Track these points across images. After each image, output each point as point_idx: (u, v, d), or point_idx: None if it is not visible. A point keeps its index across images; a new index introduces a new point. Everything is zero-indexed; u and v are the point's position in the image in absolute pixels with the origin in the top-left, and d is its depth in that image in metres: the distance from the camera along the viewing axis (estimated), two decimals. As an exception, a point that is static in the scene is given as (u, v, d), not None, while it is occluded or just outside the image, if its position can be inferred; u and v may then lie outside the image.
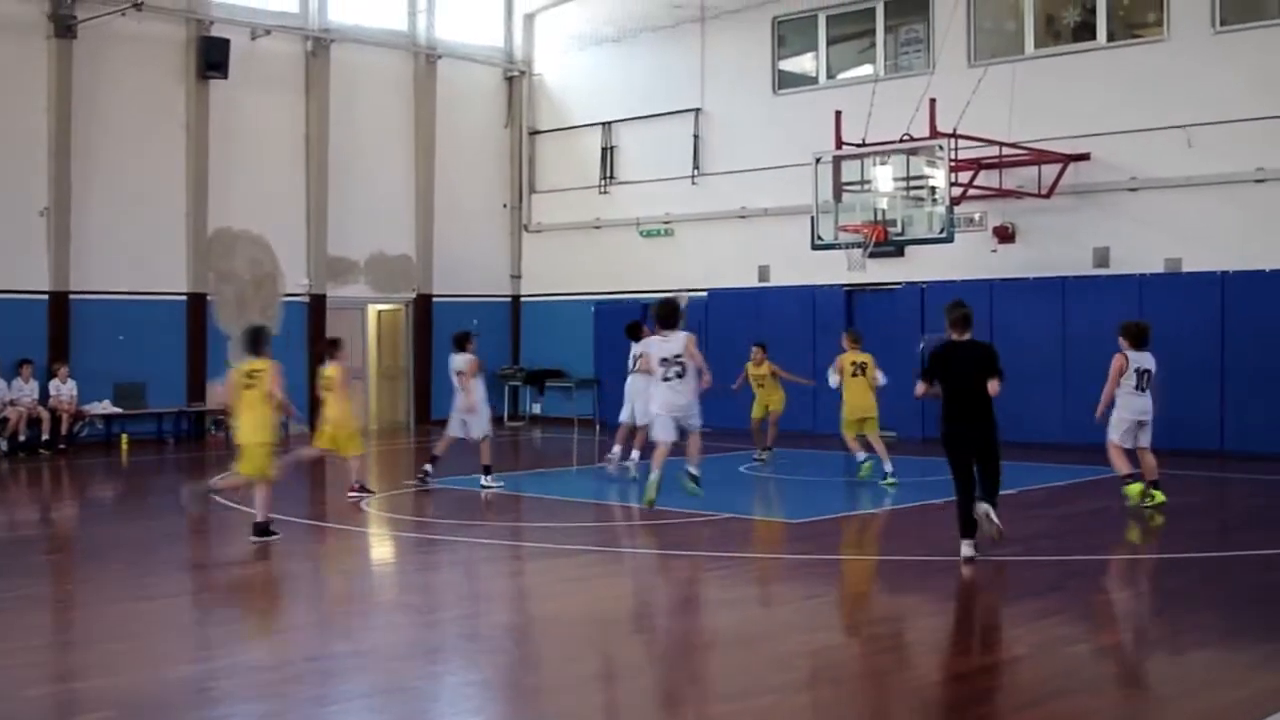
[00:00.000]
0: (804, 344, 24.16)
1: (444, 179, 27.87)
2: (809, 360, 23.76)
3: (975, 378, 11.29)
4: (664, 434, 14.26)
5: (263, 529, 12.54)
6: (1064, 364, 21.31)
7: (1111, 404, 14.52)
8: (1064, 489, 16.66)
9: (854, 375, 16.81)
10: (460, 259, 28.12)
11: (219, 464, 19.96)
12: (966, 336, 11.60)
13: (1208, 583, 10.75)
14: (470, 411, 16.66)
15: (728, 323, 25.40)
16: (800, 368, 24.01)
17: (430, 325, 27.53)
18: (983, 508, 11.16)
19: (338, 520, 14.44)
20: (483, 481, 16.49)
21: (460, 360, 16.84)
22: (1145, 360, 14.55)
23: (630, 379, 17.88)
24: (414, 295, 27.64)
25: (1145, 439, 14.57)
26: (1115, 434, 14.48)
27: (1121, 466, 14.35)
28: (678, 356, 14.21)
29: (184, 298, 24.36)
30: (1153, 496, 14.18)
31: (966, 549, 11.26)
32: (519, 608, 10.34)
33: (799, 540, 12.93)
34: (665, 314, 14.42)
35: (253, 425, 12.49)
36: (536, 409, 28.33)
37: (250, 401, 12.47)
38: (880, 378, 16.83)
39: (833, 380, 17.13)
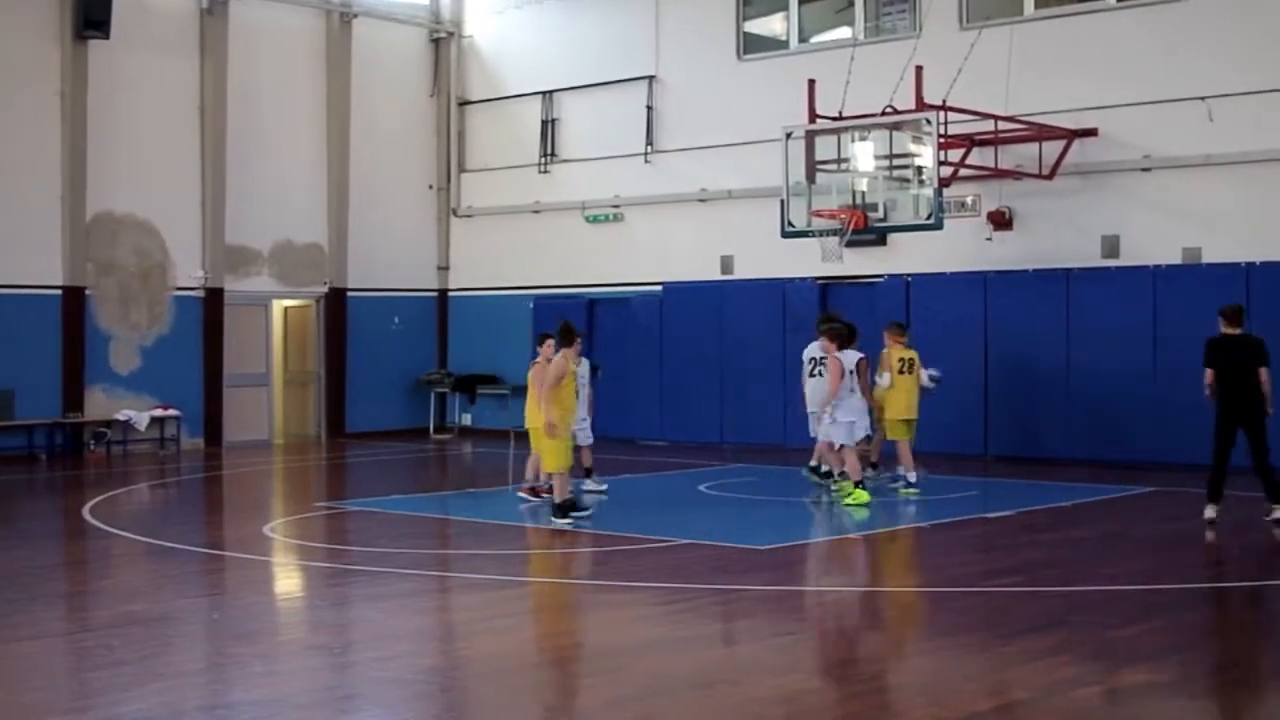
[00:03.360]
0: (773, 345, 24.23)
1: (361, 156, 27.77)
2: (779, 364, 23.85)
3: (1248, 368, 14.84)
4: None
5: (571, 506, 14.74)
6: (1068, 368, 21.42)
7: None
8: (1070, 511, 16.75)
9: (901, 373, 17.72)
10: (379, 248, 28.03)
11: (98, 484, 19.83)
12: (1238, 331, 15.03)
13: (1231, 615, 10.81)
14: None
15: (685, 321, 25.42)
16: (769, 372, 24.12)
17: (344, 323, 27.40)
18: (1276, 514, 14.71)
19: (239, 548, 14.32)
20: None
21: None
22: None
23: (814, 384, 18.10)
24: (326, 289, 27.53)
25: None
26: None
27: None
28: None
29: (59, 292, 24.12)
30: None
31: (1210, 511, 14.87)
32: (446, 647, 10.27)
33: (766, 569, 12.91)
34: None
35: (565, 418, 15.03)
36: (466, 419, 28.23)
37: (566, 395, 15.00)
38: (925, 378, 17.73)
39: (884, 380, 17.76)
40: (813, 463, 18.29)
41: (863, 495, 16.45)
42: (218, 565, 13.56)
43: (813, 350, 18.17)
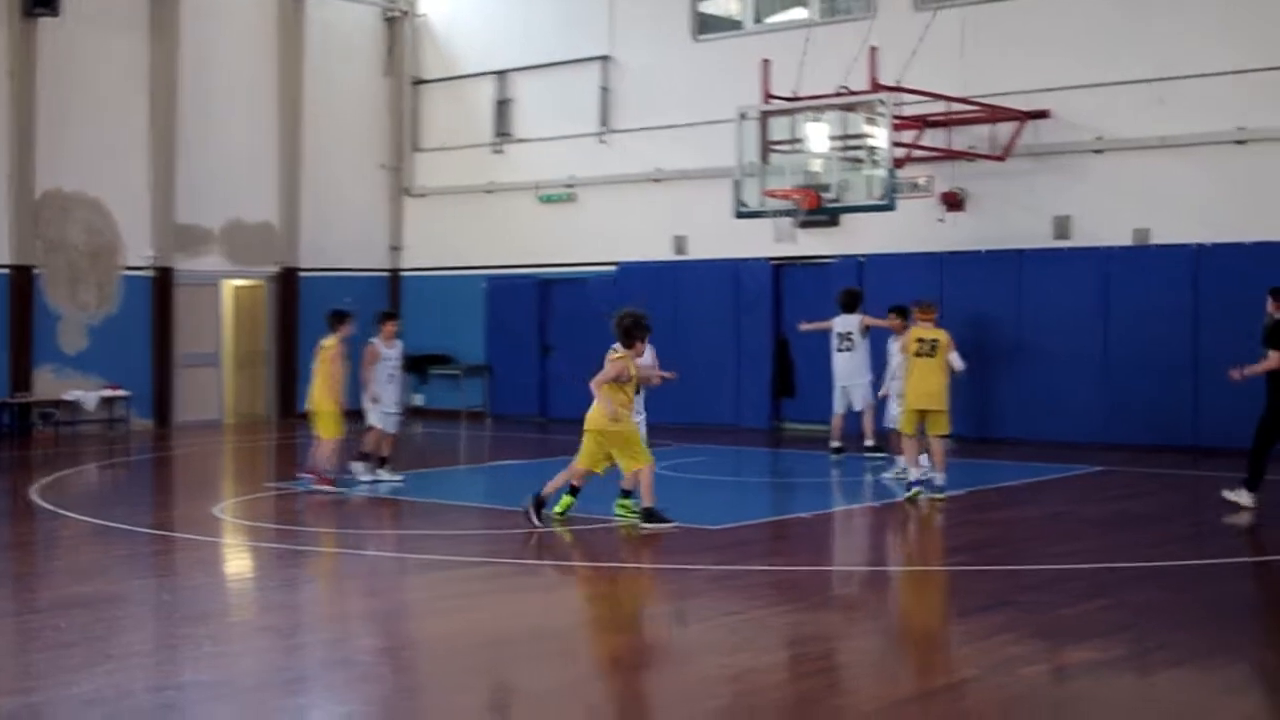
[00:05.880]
0: (725, 326, 24.30)
1: (313, 135, 27.66)
2: (732, 344, 23.90)
3: None
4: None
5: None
6: (1020, 348, 21.59)
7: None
8: (1020, 489, 16.90)
9: (919, 354, 15.66)
10: (331, 227, 27.94)
11: (46, 465, 19.70)
12: None
13: (1180, 593, 10.91)
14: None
15: (638, 301, 25.32)
16: (723, 352, 24.17)
17: (296, 303, 27.30)
18: None
19: (188, 528, 14.26)
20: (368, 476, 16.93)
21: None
22: None
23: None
24: (277, 269, 27.43)
25: None
26: None
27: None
28: None
29: (6, 271, 23.92)
30: None
31: (1248, 499, 14.51)
32: (396, 629, 10.26)
33: (718, 549, 12.94)
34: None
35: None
36: (419, 400, 28.18)
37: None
38: (957, 361, 15.80)
39: (897, 361, 16.55)
40: (868, 442, 18.93)
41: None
42: (167, 546, 13.50)
43: (843, 324, 18.82)
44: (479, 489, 18.28)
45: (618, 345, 14.02)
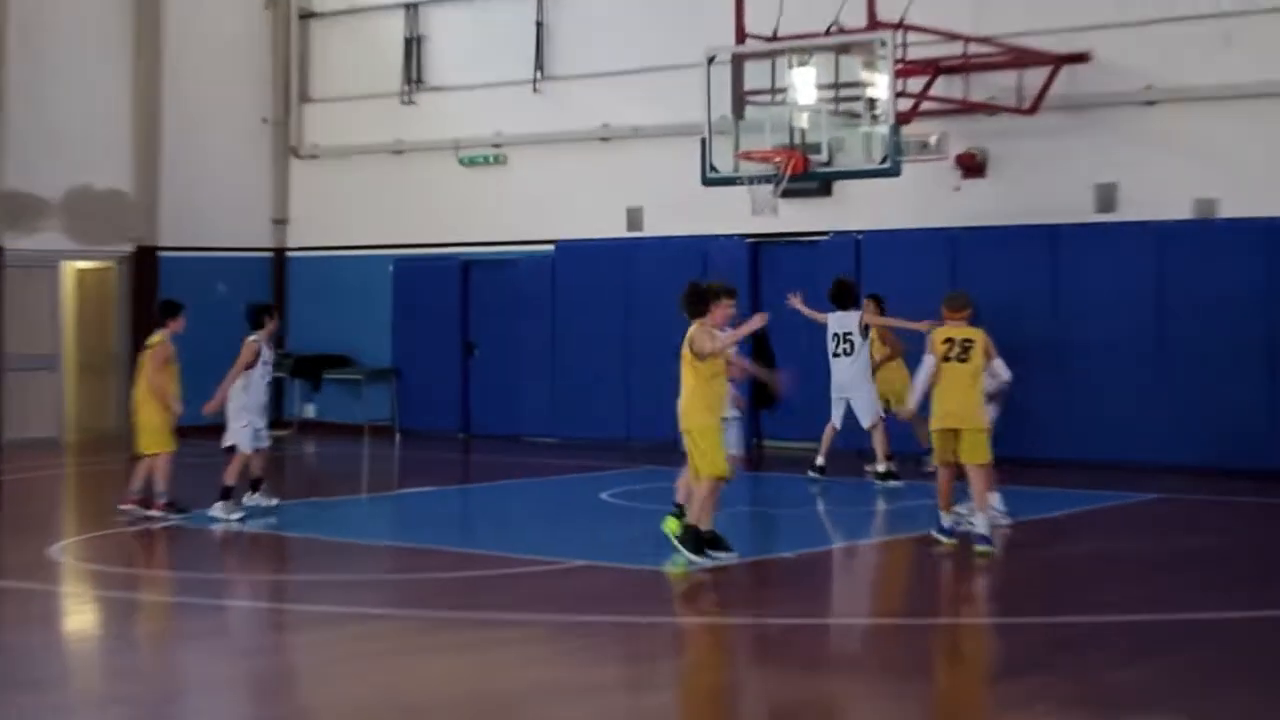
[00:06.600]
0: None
1: (176, 83, 27.56)
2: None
3: None
4: None
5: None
6: (1054, 348, 21.59)
7: None
8: (1056, 523, 16.98)
9: (947, 360, 14.94)
10: (200, 196, 27.79)
11: None
12: None
13: (1246, 653, 10.97)
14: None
15: (583, 289, 25.39)
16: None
17: (155, 290, 27.02)
18: None
19: (18, 575, 14.20)
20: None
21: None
22: None
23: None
24: (131, 249, 27.32)
25: None
26: None
27: None
28: None
29: None
30: None
31: None
32: (284, 697, 10.22)
33: (682, 597, 12.97)
34: None
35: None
36: (310, 411, 28.07)
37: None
38: (1002, 370, 15.29)
39: (927, 366, 15.35)
40: (879, 466, 19.38)
41: None
42: (-6, 597, 13.41)
43: (839, 322, 19.36)
44: (383, 523, 18.29)
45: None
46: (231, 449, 17.28)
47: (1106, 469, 20.50)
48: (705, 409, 14.07)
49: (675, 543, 13.94)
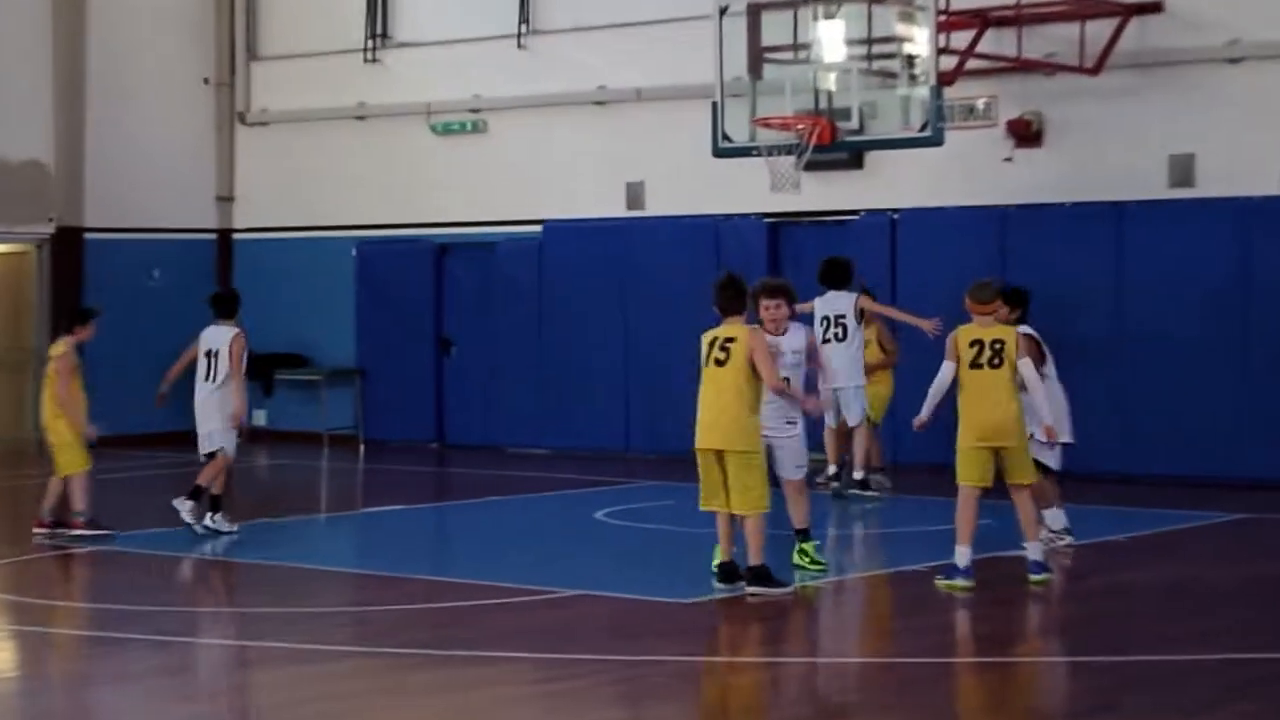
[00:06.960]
0: (701, 312, 24.12)
1: (103, 38, 27.69)
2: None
3: None
4: None
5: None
6: (1120, 342, 21.62)
7: None
8: (1124, 548, 16.90)
9: (975, 365, 14.62)
10: (132, 170, 27.88)
11: None
12: None
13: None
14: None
15: (574, 276, 25.36)
16: (695, 351, 24.05)
17: (79, 278, 27.13)
18: None
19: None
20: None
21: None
22: None
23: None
24: (52, 230, 27.36)
25: None
26: None
27: None
28: None
29: None
30: None
31: None
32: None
33: (685, 633, 12.99)
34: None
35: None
36: (260, 418, 28.02)
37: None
38: (1030, 374, 14.74)
39: (946, 372, 15.02)
40: (857, 474, 19.71)
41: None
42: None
43: (828, 304, 19.56)
44: (345, 547, 18.32)
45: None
46: (212, 455, 17.54)
47: (1177, 484, 20.48)
48: (753, 430, 14.00)
49: (762, 589, 13.93)
